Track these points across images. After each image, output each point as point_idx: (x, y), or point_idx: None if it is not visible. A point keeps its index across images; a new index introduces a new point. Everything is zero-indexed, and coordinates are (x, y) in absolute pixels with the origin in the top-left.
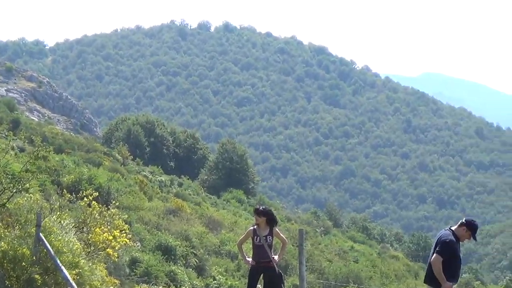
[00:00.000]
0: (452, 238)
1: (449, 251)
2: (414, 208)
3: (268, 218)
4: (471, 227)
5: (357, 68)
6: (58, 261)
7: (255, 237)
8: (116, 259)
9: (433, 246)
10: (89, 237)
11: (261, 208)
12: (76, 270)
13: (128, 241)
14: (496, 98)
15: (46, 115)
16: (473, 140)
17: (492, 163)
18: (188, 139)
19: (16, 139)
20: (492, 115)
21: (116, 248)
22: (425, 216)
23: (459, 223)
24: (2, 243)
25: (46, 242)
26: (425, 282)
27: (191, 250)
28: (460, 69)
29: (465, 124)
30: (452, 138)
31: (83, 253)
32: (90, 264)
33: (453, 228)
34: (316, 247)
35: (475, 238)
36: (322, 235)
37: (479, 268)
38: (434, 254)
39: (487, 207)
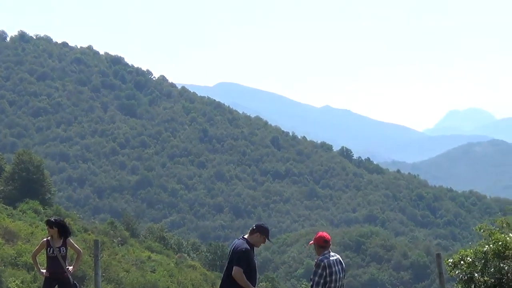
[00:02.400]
0: (247, 246)
1: (247, 261)
2: (211, 217)
3: (60, 229)
4: (263, 230)
5: (154, 79)
6: None
7: (49, 248)
8: None
9: (229, 256)
10: None
11: (53, 219)
12: None
13: None
14: (292, 107)
15: None
16: (269, 150)
17: (288, 172)
18: None
19: None
20: (288, 124)
21: None
22: (222, 225)
23: (250, 230)
24: None
25: None
26: None
27: None
28: (256, 79)
29: (261, 133)
30: (249, 147)
31: None
32: None
33: (246, 237)
34: (113, 257)
35: (269, 240)
36: (119, 245)
37: (275, 277)
38: (234, 267)
39: (283, 216)
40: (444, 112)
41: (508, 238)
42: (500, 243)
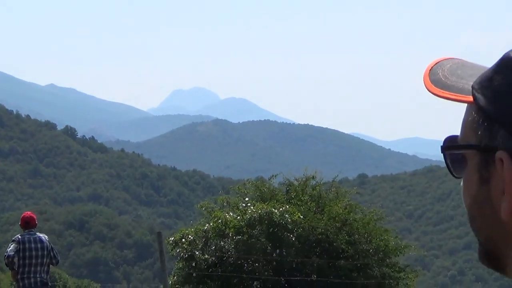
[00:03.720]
0: None
1: None
2: None
3: None
4: None
5: None
6: None
7: None
8: None
9: None
10: None
11: None
12: None
13: None
14: (17, 86)
15: None
16: None
17: (12, 151)
18: None
19: None
20: (13, 103)
21: None
22: None
23: None
24: None
25: None
26: None
27: None
28: None
29: None
30: None
31: None
32: None
33: None
34: None
35: None
36: None
37: None
38: None
39: (6, 195)
40: (169, 91)
41: (228, 217)
42: (220, 221)
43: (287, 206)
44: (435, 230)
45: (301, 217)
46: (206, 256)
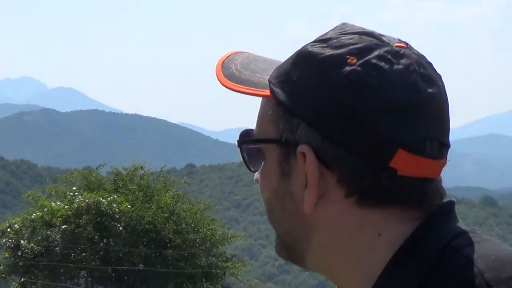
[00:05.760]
0: None
1: None
2: None
3: None
4: None
5: None
6: None
7: None
8: None
9: None
10: None
11: None
12: None
13: None
14: None
15: None
16: None
17: None
18: None
19: None
20: None
21: None
22: None
23: None
24: None
25: None
26: None
27: None
28: None
29: None
30: None
31: None
32: None
33: None
34: None
35: None
36: None
37: None
38: None
39: None
40: None
41: (55, 206)
42: (46, 210)
43: (115, 196)
44: (262, 220)
45: (129, 206)
46: (33, 245)
